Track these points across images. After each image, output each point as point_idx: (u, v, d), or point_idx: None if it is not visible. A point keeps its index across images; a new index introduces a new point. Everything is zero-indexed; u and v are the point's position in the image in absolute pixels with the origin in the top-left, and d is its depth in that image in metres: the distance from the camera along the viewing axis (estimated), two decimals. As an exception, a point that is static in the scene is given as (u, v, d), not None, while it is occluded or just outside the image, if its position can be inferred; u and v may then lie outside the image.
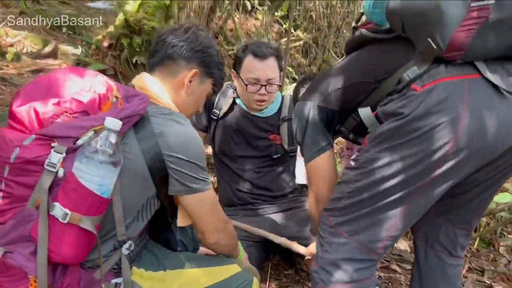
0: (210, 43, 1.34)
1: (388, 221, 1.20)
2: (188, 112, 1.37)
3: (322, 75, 1.47)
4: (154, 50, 1.32)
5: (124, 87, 1.20)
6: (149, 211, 1.22)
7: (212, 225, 1.29)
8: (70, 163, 1.02)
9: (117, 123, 1.04)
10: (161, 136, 1.13)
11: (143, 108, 1.13)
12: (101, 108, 1.11)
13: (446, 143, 1.07)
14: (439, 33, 1.06)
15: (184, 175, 1.17)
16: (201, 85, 1.34)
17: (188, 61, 1.29)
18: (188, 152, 1.17)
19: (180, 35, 1.30)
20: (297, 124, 1.41)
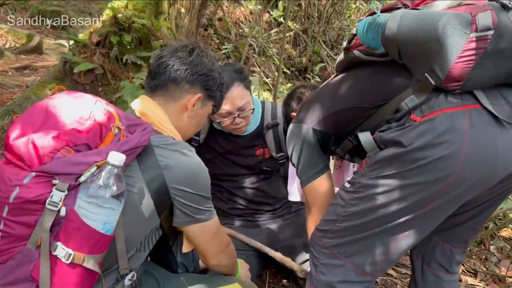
0: (213, 65, 1.30)
1: (384, 246, 1.20)
2: (190, 133, 1.35)
3: (316, 96, 1.44)
4: (155, 72, 1.27)
5: (126, 115, 1.15)
6: (151, 241, 1.21)
7: (214, 249, 1.30)
8: (72, 201, 0.98)
9: (121, 158, 1.00)
10: (166, 169, 1.11)
11: (147, 140, 1.09)
12: (103, 140, 1.06)
13: (447, 175, 1.07)
14: (437, 64, 1.05)
15: (189, 208, 1.16)
16: (203, 108, 1.32)
17: (192, 85, 1.26)
18: (195, 184, 1.15)
19: (184, 58, 1.26)
20: (292, 147, 1.40)
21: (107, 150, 1.01)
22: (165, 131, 1.21)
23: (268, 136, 1.94)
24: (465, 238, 1.40)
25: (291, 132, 1.41)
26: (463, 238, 1.39)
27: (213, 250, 1.30)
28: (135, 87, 2.75)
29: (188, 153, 1.16)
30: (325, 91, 1.40)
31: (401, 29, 1.08)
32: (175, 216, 1.17)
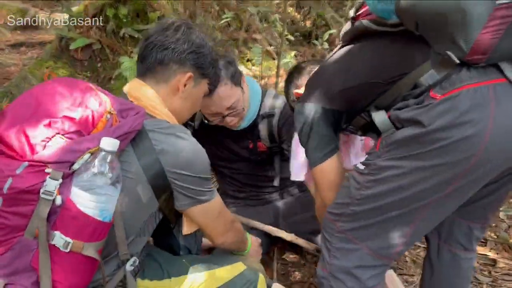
0: (203, 41, 1.23)
1: (402, 230, 1.15)
2: (186, 116, 1.30)
3: (321, 72, 1.34)
4: (143, 55, 1.22)
5: (118, 99, 1.12)
6: (151, 225, 1.20)
7: (219, 229, 1.30)
8: (67, 189, 0.96)
9: (114, 143, 0.98)
10: (162, 153, 1.08)
11: (140, 124, 1.06)
12: (95, 126, 1.03)
13: (470, 156, 1.00)
14: (461, 36, 0.95)
15: (189, 190, 1.14)
16: (197, 87, 1.26)
17: (181, 65, 1.20)
18: (192, 167, 1.12)
19: (170, 36, 1.19)
20: (301, 128, 1.31)
21: (99, 136, 0.99)
22: (159, 114, 1.17)
23: (262, 126, 1.82)
24: (484, 214, 1.33)
25: (298, 112, 1.32)
26: (483, 213, 1.33)
27: (219, 230, 1.29)
28: (134, 62, 2.66)
29: (183, 135, 1.12)
30: (331, 65, 1.30)
31: None
32: (176, 200, 1.16)
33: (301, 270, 1.98)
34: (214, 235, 1.30)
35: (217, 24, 3.71)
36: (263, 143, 1.84)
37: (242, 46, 3.97)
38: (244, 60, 3.88)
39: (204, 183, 1.16)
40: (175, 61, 1.19)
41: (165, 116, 1.17)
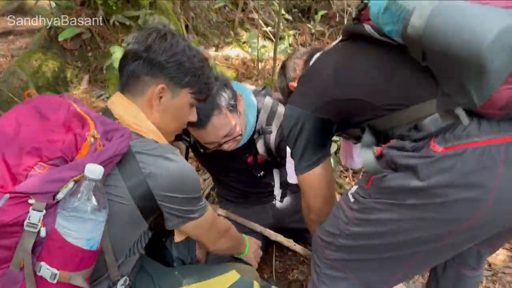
0: (177, 47, 1.12)
1: (393, 270, 1.08)
2: (170, 130, 1.22)
3: (315, 74, 1.21)
4: (120, 66, 1.15)
5: (101, 120, 1.06)
6: (141, 244, 1.17)
7: (212, 238, 1.30)
8: (52, 219, 0.92)
9: (99, 171, 0.93)
10: (150, 177, 1.04)
11: (125, 146, 1.01)
12: (79, 150, 0.98)
13: (469, 217, 0.91)
14: (474, 86, 0.82)
15: (180, 210, 1.11)
16: (175, 98, 1.16)
17: (152, 76, 1.12)
18: (182, 189, 1.08)
19: (140, 45, 1.11)
20: (288, 131, 1.23)
21: (83, 163, 0.94)
22: (145, 132, 1.11)
23: (259, 143, 1.73)
24: (496, 243, 1.23)
25: (287, 115, 1.23)
26: (494, 242, 1.22)
27: (211, 239, 1.29)
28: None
29: (171, 157, 1.07)
30: (327, 68, 1.16)
31: (429, 31, 0.83)
32: (166, 220, 1.13)
33: (300, 268, 1.97)
34: (207, 244, 1.31)
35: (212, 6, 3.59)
36: (262, 157, 1.77)
37: (238, 28, 3.85)
38: (240, 43, 3.77)
39: (194, 202, 1.13)
40: (146, 72, 1.11)
41: (152, 134, 1.11)
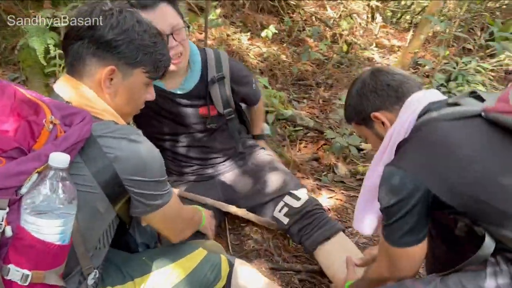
0: (126, 24, 1.04)
1: None
2: (126, 112, 1.15)
3: (445, 147, 1.07)
4: (63, 46, 1.06)
5: (56, 104, 0.96)
6: (110, 233, 1.12)
7: (178, 229, 1.27)
8: (17, 216, 0.85)
9: (65, 159, 0.86)
10: (116, 161, 0.97)
11: (88, 131, 0.94)
12: (36, 138, 0.89)
13: None
14: None
15: (146, 195, 1.06)
16: (128, 80, 1.08)
17: (99, 57, 1.03)
18: (149, 172, 1.03)
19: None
20: (392, 202, 1.10)
21: (45, 152, 0.86)
22: (100, 113, 1.03)
23: (214, 91, 1.74)
24: None
25: (392, 180, 1.10)
26: None
27: (177, 230, 1.26)
28: (42, 28, 2.35)
29: (136, 138, 1.01)
30: (464, 148, 1.06)
31: None
32: (132, 207, 1.07)
33: (254, 237, 2.01)
34: (172, 236, 1.27)
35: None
36: (216, 108, 1.77)
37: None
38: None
39: (161, 185, 1.08)
40: (92, 53, 1.02)
41: (109, 115, 1.04)
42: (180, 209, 1.22)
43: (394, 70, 1.29)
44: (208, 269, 1.32)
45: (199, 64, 1.73)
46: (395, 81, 1.25)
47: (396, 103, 1.23)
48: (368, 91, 1.27)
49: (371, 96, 1.26)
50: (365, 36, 4.65)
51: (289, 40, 4.21)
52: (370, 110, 1.26)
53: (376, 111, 1.26)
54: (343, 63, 4.10)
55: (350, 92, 1.33)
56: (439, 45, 3.68)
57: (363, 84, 1.29)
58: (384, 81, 1.26)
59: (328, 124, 3.15)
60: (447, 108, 1.14)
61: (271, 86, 3.21)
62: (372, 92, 1.26)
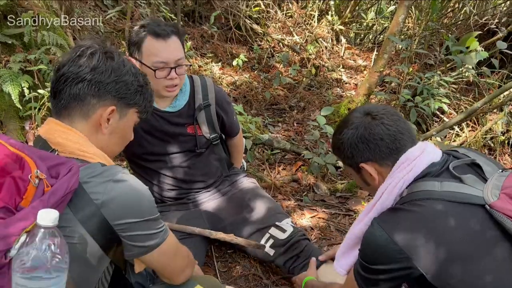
0: (123, 66, 1.10)
1: None
2: (116, 150, 1.19)
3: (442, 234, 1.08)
4: (55, 90, 1.08)
5: (41, 154, 0.95)
6: (105, 280, 1.10)
7: (177, 268, 1.20)
8: (6, 280, 0.83)
9: (54, 216, 0.84)
10: (103, 206, 0.96)
11: (76, 182, 0.93)
12: (23, 195, 0.88)
13: None
14: None
15: (139, 237, 1.03)
16: (123, 119, 1.14)
17: (100, 98, 1.07)
18: (139, 211, 1.02)
19: (83, 66, 1.05)
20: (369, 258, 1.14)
21: (33, 210, 0.84)
22: (90, 157, 1.03)
23: (201, 117, 1.85)
24: None
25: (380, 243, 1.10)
26: None
27: (178, 269, 1.20)
28: (15, 73, 2.36)
29: (121, 177, 1.00)
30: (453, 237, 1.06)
31: None
32: (125, 250, 1.05)
33: (241, 263, 2.02)
34: (174, 276, 1.20)
35: (100, 16, 3.42)
36: (203, 133, 1.87)
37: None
38: (133, 51, 3.67)
39: (153, 224, 1.06)
40: (93, 94, 1.06)
41: (99, 158, 1.04)
42: (178, 246, 1.19)
43: (389, 117, 1.23)
44: None
45: (188, 86, 1.85)
46: (389, 135, 1.20)
47: (387, 158, 1.21)
48: (359, 141, 1.22)
49: (361, 147, 1.22)
50: (332, 58, 4.82)
51: (259, 67, 4.33)
52: (359, 160, 1.24)
53: (364, 162, 1.24)
54: (313, 85, 4.24)
55: (340, 131, 1.28)
56: (402, 62, 3.86)
57: (355, 130, 1.23)
58: (377, 134, 1.20)
59: (304, 145, 3.24)
60: (449, 182, 1.12)
61: (246, 112, 3.29)
62: (363, 144, 1.22)
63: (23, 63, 2.42)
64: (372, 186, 1.29)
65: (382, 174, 1.24)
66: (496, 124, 3.41)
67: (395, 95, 3.69)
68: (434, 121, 3.66)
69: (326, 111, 2.74)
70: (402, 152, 1.20)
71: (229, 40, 4.55)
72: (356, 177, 1.33)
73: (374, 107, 1.27)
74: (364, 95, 3.46)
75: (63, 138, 1.04)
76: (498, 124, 3.40)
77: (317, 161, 2.68)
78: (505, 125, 3.40)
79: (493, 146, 3.40)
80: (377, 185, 1.25)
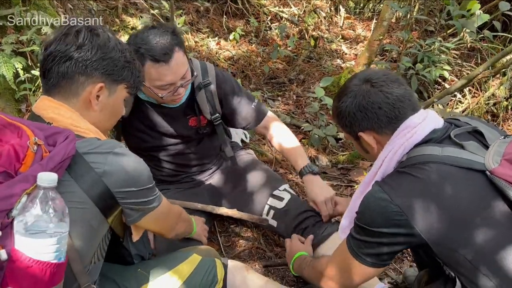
0: (110, 42, 1.11)
1: None
2: (108, 126, 1.22)
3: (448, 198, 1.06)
4: (44, 69, 1.09)
5: (37, 125, 0.99)
6: (104, 246, 1.14)
7: (170, 226, 1.32)
8: (10, 239, 0.86)
9: (53, 177, 0.88)
10: (105, 176, 1.00)
11: (73, 148, 0.96)
12: (22, 161, 0.91)
13: None
14: None
15: (138, 203, 1.09)
16: (112, 95, 1.15)
17: (88, 76, 1.09)
18: (137, 182, 1.07)
19: (70, 44, 1.06)
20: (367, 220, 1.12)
21: (33, 173, 0.88)
22: (84, 132, 1.07)
23: (201, 97, 1.75)
24: None
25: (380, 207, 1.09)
26: None
27: (168, 227, 1.32)
28: (7, 55, 2.32)
29: (121, 151, 1.04)
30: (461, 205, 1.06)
31: None
32: (126, 216, 1.11)
33: (244, 237, 2.03)
34: (165, 232, 1.32)
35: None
36: (204, 114, 1.78)
37: (123, 14, 3.67)
38: (128, 29, 3.61)
39: (150, 192, 1.12)
40: (81, 72, 1.08)
41: (92, 133, 1.07)
42: (170, 208, 1.27)
43: (389, 84, 1.19)
44: (204, 274, 1.34)
45: None
46: (388, 104, 1.16)
47: (386, 127, 1.18)
48: (357, 110, 1.19)
49: (359, 116, 1.20)
50: (330, 29, 4.72)
51: (257, 41, 4.25)
52: (358, 129, 1.22)
53: (363, 131, 1.22)
54: (312, 57, 4.17)
55: (338, 99, 1.26)
56: (402, 30, 3.78)
57: (353, 99, 1.20)
58: (376, 103, 1.17)
59: (305, 118, 3.21)
60: (451, 148, 1.11)
61: (245, 87, 3.24)
62: (361, 112, 1.19)
63: (15, 45, 2.38)
64: (371, 154, 1.28)
65: (381, 142, 1.22)
66: (499, 89, 3.36)
67: (395, 64, 3.63)
68: (436, 89, 3.61)
69: (325, 82, 2.70)
70: (402, 120, 1.17)
71: (225, 14, 4.45)
72: (355, 144, 1.33)
73: (374, 73, 1.23)
74: (364, 64, 3.40)
75: (56, 113, 1.07)
76: (501, 89, 3.35)
77: (317, 133, 2.66)
78: (508, 90, 3.35)
79: (496, 112, 3.36)
80: (376, 154, 1.24)
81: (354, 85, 1.23)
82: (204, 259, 1.36)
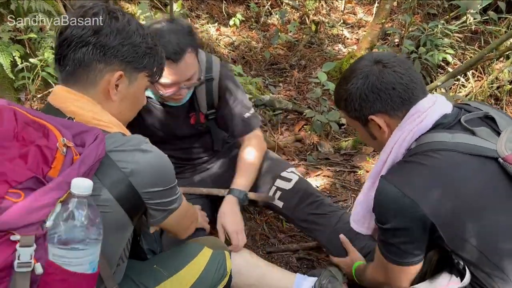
0: (130, 26, 1.02)
1: None
2: (128, 117, 1.14)
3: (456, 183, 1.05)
4: (59, 55, 1.01)
5: (61, 122, 0.91)
6: (128, 249, 1.10)
7: (186, 226, 1.26)
8: (44, 251, 0.81)
9: (88, 185, 0.83)
10: (132, 175, 0.94)
11: (103, 150, 0.90)
12: (51, 164, 0.84)
13: None
14: None
15: (162, 203, 1.04)
16: (133, 84, 1.07)
17: (106, 63, 1.00)
18: (163, 181, 1.02)
19: (87, 29, 0.98)
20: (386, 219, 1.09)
21: (67, 179, 0.82)
22: (107, 126, 0.99)
23: (200, 91, 1.69)
24: None
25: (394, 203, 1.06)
26: None
27: (186, 228, 1.26)
28: (5, 43, 2.29)
29: (147, 147, 0.98)
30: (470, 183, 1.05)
31: None
32: (150, 217, 1.06)
33: (248, 223, 2.03)
34: (180, 234, 1.26)
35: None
36: (200, 109, 1.74)
37: (121, 1, 3.62)
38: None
39: (173, 191, 1.07)
40: (98, 59, 0.99)
41: (115, 127, 1.01)
42: (189, 207, 1.21)
43: (401, 65, 1.15)
44: (215, 268, 1.32)
45: None
46: (401, 84, 1.12)
47: (399, 109, 1.14)
48: (369, 91, 1.14)
49: (372, 97, 1.14)
50: (332, 13, 4.66)
51: (257, 26, 4.20)
52: (368, 112, 1.16)
53: (374, 114, 1.16)
54: (314, 42, 4.12)
55: (347, 81, 1.19)
56: (404, 13, 3.72)
57: (365, 79, 1.14)
58: (390, 83, 1.12)
59: (307, 104, 3.18)
60: (462, 134, 1.09)
61: (245, 73, 3.21)
62: (374, 93, 1.13)
63: (12, 32, 2.35)
64: (378, 140, 1.23)
65: (391, 126, 1.17)
66: (502, 72, 3.32)
67: (398, 48, 3.58)
68: (439, 73, 3.57)
69: (327, 67, 2.67)
70: (414, 102, 1.13)
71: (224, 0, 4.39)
72: (361, 131, 1.26)
73: (384, 54, 1.19)
74: (366, 49, 3.36)
75: (76, 106, 0.99)
76: (504, 72, 3.31)
77: (320, 119, 2.63)
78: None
79: (500, 96, 3.32)
80: (385, 139, 1.19)
81: (365, 65, 1.17)
82: (214, 253, 1.34)
